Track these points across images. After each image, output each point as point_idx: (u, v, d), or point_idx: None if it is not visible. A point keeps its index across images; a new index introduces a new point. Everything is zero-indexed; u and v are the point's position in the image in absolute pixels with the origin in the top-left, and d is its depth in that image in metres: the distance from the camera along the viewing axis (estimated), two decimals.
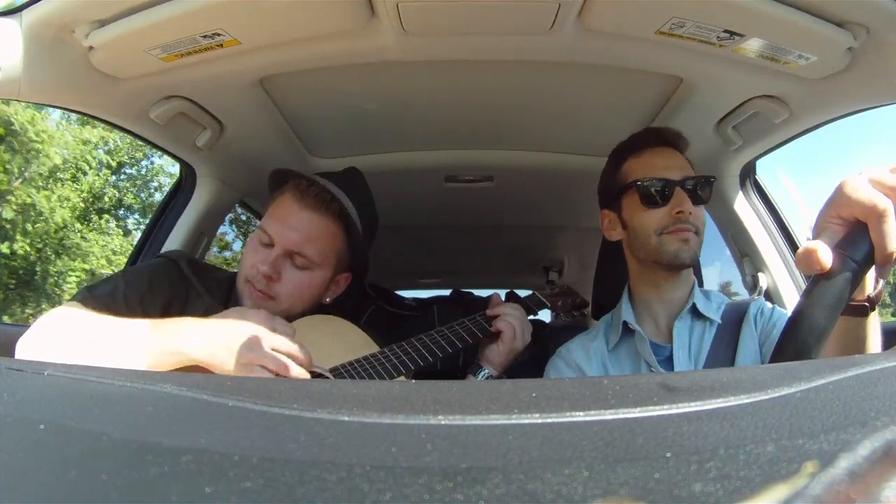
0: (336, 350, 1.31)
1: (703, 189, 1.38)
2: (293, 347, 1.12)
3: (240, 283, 1.39)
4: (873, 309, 0.77)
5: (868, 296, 0.76)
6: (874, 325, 0.79)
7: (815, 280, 0.67)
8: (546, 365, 1.47)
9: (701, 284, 1.47)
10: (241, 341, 1.10)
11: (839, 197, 0.67)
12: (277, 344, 1.11)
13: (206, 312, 1.31)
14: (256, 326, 1.13)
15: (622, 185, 1.41)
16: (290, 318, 1.35)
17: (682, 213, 1.33)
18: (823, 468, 0.32)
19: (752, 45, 1.27)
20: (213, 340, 1.10)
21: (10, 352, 1.22)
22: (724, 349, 1.32)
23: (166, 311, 1.31)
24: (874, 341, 0.80)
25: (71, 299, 1.28)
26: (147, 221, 2.32)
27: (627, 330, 1.40)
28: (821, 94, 1.40)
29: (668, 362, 1.33)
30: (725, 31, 1.23)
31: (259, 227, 1.42)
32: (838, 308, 0.66)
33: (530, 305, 1.56)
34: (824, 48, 1.24)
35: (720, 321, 1.36)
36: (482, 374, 1.40)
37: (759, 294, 1.77)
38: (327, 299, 1.47)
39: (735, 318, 1.37)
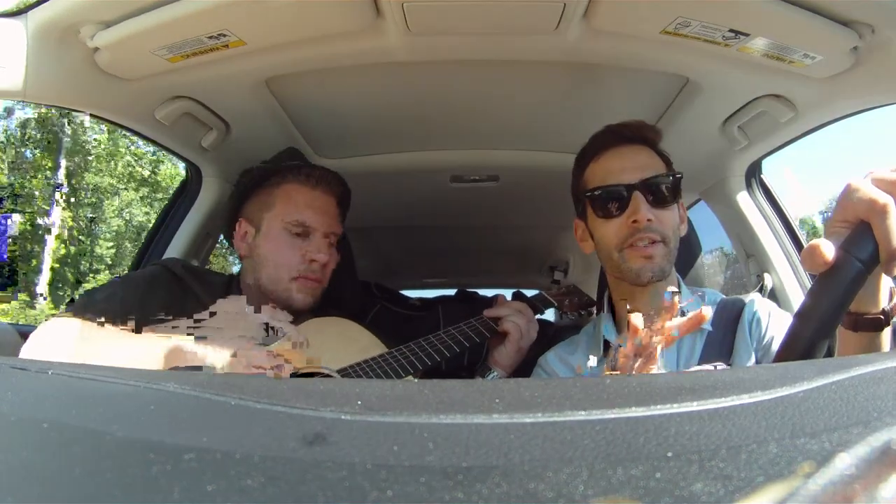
0: (344, 351, 1.32)
1: (668, 188, 1.27)
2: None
3: (278, 284, 1.41)
4: (888, 323, 0.76)
5: (883, 309, 0.75)
6: (888, 338, 0.78)
7: (820, 279, 0.66)
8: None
9: (687, 272, 1.40)
10: None
11: (843, 199, 0.67)
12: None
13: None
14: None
15: (582, 196, 1.35)
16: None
17: (637, 223, 1.24)
18: (824, 467, 0.32)
19: (758, 45, 1.26)
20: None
21: (13, 351, 1.23)
22: (717, 358, 1.22)
23: (166, 315, 1.32)
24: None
25: (70, 306, 1.29)
26: None
27: (609, 346, 1.30)
28: (826, 94, 1.40)
29: None
30: (731, 30, 1.23)
31: (284, 220, 1.43)
32: (843, 307, 0.65)
33: (536, 304, 1.56)
34: (829, 47, 1.24)
35: (710, 328, 1.26)
36: (491, 376, 1.41)
37: (764, 294, 1.76)
38: None
39: (729, 323, 1.28)
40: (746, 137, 1.69)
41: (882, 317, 0.74)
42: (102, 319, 1.23)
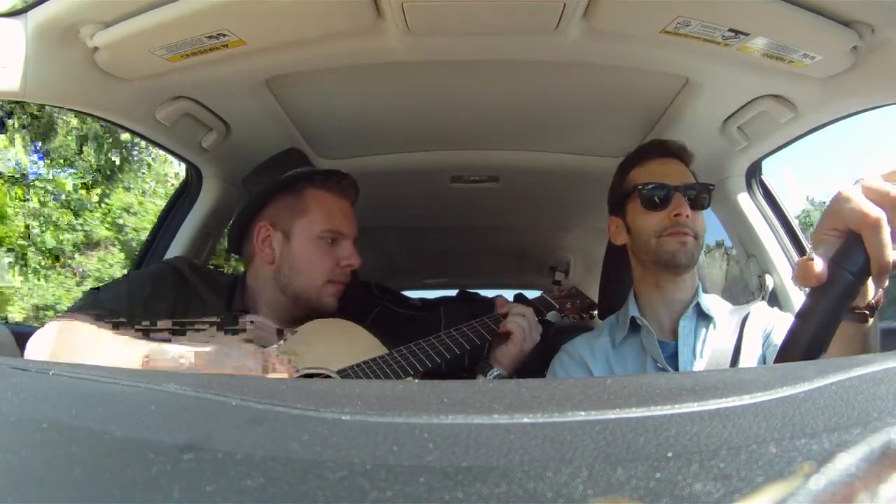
0: (346, 353, 1.32)
1: (703, 196, 1.43)
2: None
3: (310, 290, 1.43)
4: (872, 315, 0.77)
5: (868, 303, 0.76)
6: (874, 329, 0.79)
7: (812, 294, 0.66)
8: (552, 362, 1.49)
9: (704, 289, 1.47)
10: None
11: (833, 208, 0.67)
12: None
13: (210, 313, 1.33)
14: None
15: (626, 192, 1.48)
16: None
17: (679, 216, 1.38)
18: (824, 468, 0.32)
19: (758, 44, 1.26)
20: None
21: (13, 351, 1.23)
22: (728, 349, 1.35)
23: (171, 315, 1.32)
24: (873, 343, 0.80)
25: (76, 305, 1.29)
26: None
27: (634, 326, 1.43)
28: (826, 94, 1.40)
29: (672, 359, 1.35)
30: (730, 30, 1.23)
31: (321, 228, 1.45)
32: (836, 322, 0.66)
33: (539, 307, 1.56)
34: (829, 47, 1.24)
35: (724, 322, 1.39)
36: (492, 373, 1.41)
37: (764, 296, 1.77)
38: None
39: (738, 320, 1.39)
40: (746, 138, 1.69)
41: (867, 311, 0.76)
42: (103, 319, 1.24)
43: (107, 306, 1.27)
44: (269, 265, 1.46)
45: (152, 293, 1.34)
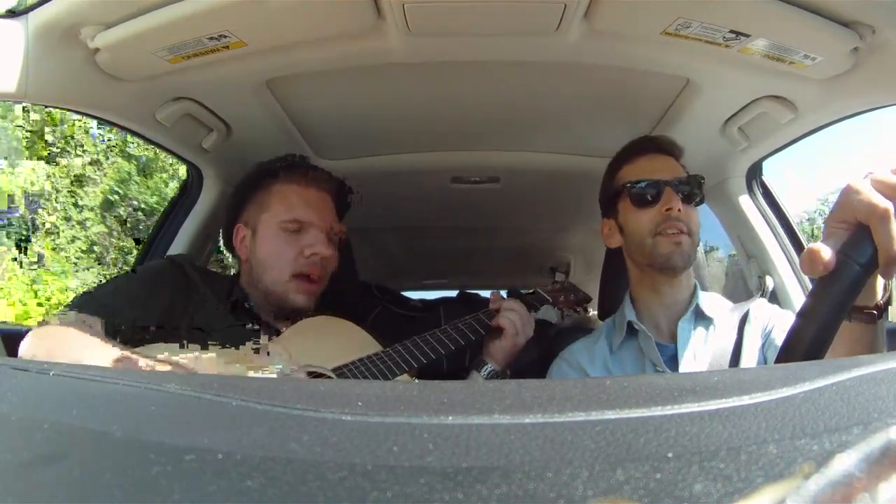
0: (340, 351, 1.32)
1: (695, 190, 1.41)
2: None
3: (277, 285, 1.41)
4: (881, 316, 0.77)
5: (877, 303, 0.76)
6: (882, 329, 0.79)
7: (819, 284, 0.66)
8: (549, 368, 1.48)
9: (703, 287, 1.47)
10: None
11: (842, 201, 0.67)
12: None
13: (210, 310, 1.33)
14: None
15: (616, 191, 1.46)
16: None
17: (671, 211, 1.36)
18: (824, 468, 0.32)
19: (758, 45, 1.26)
20: None
21: (10, 352, 1.23)
22: (727, 349, 1.33)
23: (168, 311, 1.32)
24: (881, 344, 0.80)
25: (75, 301, 1.29)
26: None
27: (631, 330, 1.42)
28: (827, 95, 1.40)
29: (671, 362, 1.34)
30: (731, 31, 1.23)
31: (280, 220, 1.42)
32: (842, 312, 0.66)
33: (532, 302, 1.56)
34: (830, 48, 1.24)
35: (723, 322, 1.37)
36: (486, 368, 1.41)
37: (763, 296, 1.76)
38: None
39: (738, 319, 1.38)
40: (747, 138, 1.69)
41: (875, 311, 0.75)
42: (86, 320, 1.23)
43: (106, 301, 1.27)
44: (245, 263, 1.47)
45: (152, 288, 1.34)
